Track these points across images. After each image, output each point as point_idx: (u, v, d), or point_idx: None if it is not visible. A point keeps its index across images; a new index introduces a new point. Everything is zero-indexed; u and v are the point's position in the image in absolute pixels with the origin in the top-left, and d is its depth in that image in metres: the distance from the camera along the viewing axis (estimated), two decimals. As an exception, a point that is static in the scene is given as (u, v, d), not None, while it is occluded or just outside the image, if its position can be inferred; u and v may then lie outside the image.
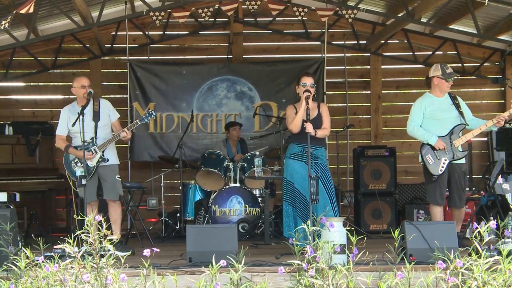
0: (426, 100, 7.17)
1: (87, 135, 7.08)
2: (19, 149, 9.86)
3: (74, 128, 7.12)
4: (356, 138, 10.86)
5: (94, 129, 7.20)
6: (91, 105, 7.23)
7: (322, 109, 7.17)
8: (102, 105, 7.33)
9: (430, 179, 7.06)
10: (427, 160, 7.04)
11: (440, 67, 7.13)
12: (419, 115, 7.13)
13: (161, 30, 10.41)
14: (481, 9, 8.48)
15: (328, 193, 6.98)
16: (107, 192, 7.27)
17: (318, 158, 7.03)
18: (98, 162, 7.19)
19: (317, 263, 5.26)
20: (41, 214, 9.47)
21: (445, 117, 7.08)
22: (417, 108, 7.16)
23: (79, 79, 7.29)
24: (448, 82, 7.10)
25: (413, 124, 7.14)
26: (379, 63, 10.98)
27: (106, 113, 7.33)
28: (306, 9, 8.75)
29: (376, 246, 5.84)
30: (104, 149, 7.19)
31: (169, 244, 8.36)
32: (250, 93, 10.46)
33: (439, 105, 7.11)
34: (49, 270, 5.14)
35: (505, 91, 10.81)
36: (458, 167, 7.10)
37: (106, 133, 7.29)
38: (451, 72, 7.12)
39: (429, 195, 7.13)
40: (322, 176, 6.96)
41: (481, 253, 5.23)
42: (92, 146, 7.16)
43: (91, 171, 7.15)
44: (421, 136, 7.11)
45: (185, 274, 5.53)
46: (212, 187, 9.16)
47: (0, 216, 5.96)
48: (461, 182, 7.11)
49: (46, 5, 8.39)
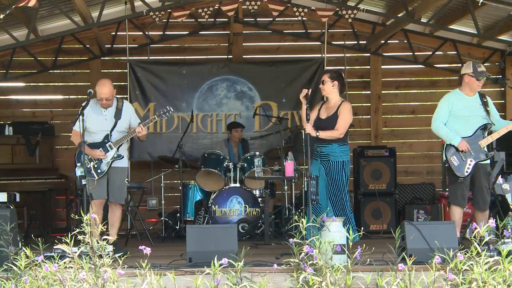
0: (455, 97, 6.98)
1: (103, 134, 7.06)
2: (19, 149, 9.86)
3: (91, 125, 7.09)
4: (356, 138, 10.85)
5: (113, 126, 7.15)
6: (114, 104, 7.17)
7: (341, 108, 7.02)
8: (125, 106, 7.27)
9: (455, 180, 6.89)
10: (452, 162, 6.86)
11: (472, 65, 6.93)
12: (446, 112, 6.94)
13: (161, 30, 10.42)
14: (481, 9, 8.49)
15: (330, 193, 6.94)
16: (114, 194, 7.19)
17: (330, 155, 6.96)
18: (113, 158, 7.14)
19: (315, 262, 5.26)
20: (41, 214, 9.46)
21: (471, 116, 6.91)
22: (444, 104, 6.98)
23: (99, 89, 7.05)
24: (479, 80, 6.90)
25: (438, 121, 6.95)
26: (379, 63, 10.98)
27: (128, 115, 7.26)
28: (306, 9, 8.75)
29: (376, 246, 5.85)
30: (120, 145, 7.13)
31: (169, 244, 8.37)
32: (250, 93, 10.46)
33: (468, 103, 6.93)
34: (48, 270, 5.14)
35: (505, 91, 10.81)
36: (483, 167, 6.93)
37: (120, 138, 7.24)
38: (483, 71, 6.91)
39: (452, 195, 6.96)
40: (330, 176, 6.91)
41: (481, 253, 5.24)
42: (107, 142, 7.12)
43: (104, 168, 7.11)
44: (444, 135, 6.94)
45: (185, 274, 5.54)
46: (212, 187, 9.16)
47: (0, 216, 5.96)
48: (485, 183, 6.94)
49: (46, 5, 8.39)
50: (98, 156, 7.06)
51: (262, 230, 8.71)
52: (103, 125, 7.12)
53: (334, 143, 6.97)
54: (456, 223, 6.55)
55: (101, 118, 7.16)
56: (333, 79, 7.07)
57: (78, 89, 10.73)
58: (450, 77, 10.51)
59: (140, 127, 7.07)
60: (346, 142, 7.08)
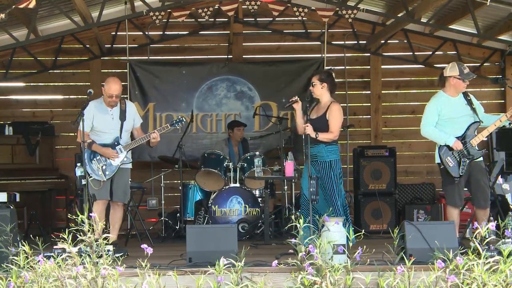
0: (441, 100, 6.93)
1: (112, 134, 7.05)
2: (19, 149, 9.86)
3: (98, 124, 7.07)
4: (356, 138, 10.85)
5: (120, 128, 7.14)
6: (118, 105, 7.18)
7: (331, 110, 7.04)
8: (128, 107, 7.28)
9: (451, 181, 6.85)
10: (447, 163, 6.81)
11: (457, 67, 6.88)
12: (434, 116, 6.90)
13: (161, 30, 10.41)
14: (481, 9, 8.48)
15: (326, 193, 6.96)
16: (118, 194, 7.21)
17: (317, 156, 6.99)
18: (122, 162, 7.14)
19: (315, 262, 5.26)
20: (41, 214, 9.46)
21: (459, 116, 6.88)
22: (432, 108, 6.92)
23: (109, 85, 7.05)
24: (465, 82, 6.88)
25: (428, 125, 6.91)
26: (379, 63, 10.98)
27: (131, 116, 7.28)
28: (306, 9, 8.76)
29: (376, 246, 5.85)
30: (130, 149, 7.15)
31: (169, 244, 8.37)
32: (250, 93, 10.46)
33: (454, 105, 6.90)
34: (42, 264, 5.15)
35: (505, 91, 10.80)
36: (477, 165, 6.89)
37: (128, 137, 7.25)
38: (469, 73, 6.89)
39: (448, 196, 6.92)
40: (321, 176, 6.94)
41: (481, 253, 5.24)
42: (117, 145, 7.11)
43: (113, 170, 7.10)
44: (438, 138, 6.90)
45: (185, 274, 5.54)
46: (212, 187, 9.16)
47: (0, 216, 5.96)
48: (483, 179, 6.90)
49: (46, 5, 8.39)
50: (111, 156, 7.03)
51: (262, 230, 8.71)
52: (111, 124, 7.11)
53: (321, 143, 6.98)
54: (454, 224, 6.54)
55: (107, 117, 7.16)
56: (322, 81, 7.13)
57: (78, 89, 10.73)
58: (450, 77, 10.50)
59: (156, 133, 7.10)
60: (335, 142, 7.09)
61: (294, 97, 7.12)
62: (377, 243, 6.22)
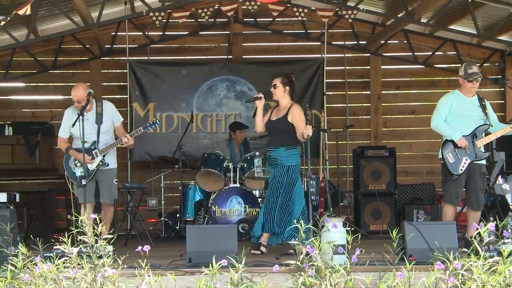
0: (455, 97, 7.06)
1: (89, 138, 7.05)
2: (19, 149, 9.85)
3: (76, 130, 7.08)
4: (356, 138, 10.86)
5: (97, 132, 7.16)
6: (94, 108, 7.20)
7: (293, 112, 7.05)
8: (105, 108, 7.26)
9: (449, 177, 6.96)
10: (447, 159, 6.91)
11: (464, 67, 7.01)
12: (445, 111, 7.01)
13: (161, 30, 10.41)
14: (481, 9, 8.49)
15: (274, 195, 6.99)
16: (103, 195, 7.27)
17: (277, 159, 7.02)
18: (98, 166, 7.17)
19: (315, 263, 5.26)
20: (41, 214, 9.47)
21: (469, 115, 6.97)
22: (445, 103, 7.05)
23: (73, 91, 7.09)
24: (471, 82, 6.94)
25: (438, 118, 7.01)
26: (379, 63, 10.98)
27: (109, 117, 7.26)
28: (306, 10, 8.77)
29: (376, 247, 5.85)
30: (106, 153, 7.17)
31: (169, 245, 8.36)
32: (250, 93, 10.44)
33: (466, 104, 7.00)
34: (40, 269, 5.15)
35: (505, 91, 10.81)
36: (478, 167, 6.98)
37: (108, 138, 7.24)
38: (473, 73, 6.94)
39: (446, 193, 7.05)
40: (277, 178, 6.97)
41: (480, 253, 5.24)
42: (94, 150, 7.13)
43: (90, 173, 7.14)
44: (445, 131, 6.99)
45: (185, 274, 5.53)
46: (212, 188, 9.15)
47: (0, 217, 5.96)
48: (480, 183, 7.00)
49: (46, 5, 8.40)
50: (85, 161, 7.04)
51: (262, 230, 8.70)
52: (87, 129, 7.02)
53: (282, 147, 7.02)
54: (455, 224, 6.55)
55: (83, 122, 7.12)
56: (285, 84, 7.15)
57: (78, 89, 10.72)
58: (450, 77, 10.51)
59: (127, 137, 7.11)
60: (295, 146, 7.09)
61: (259, 94, 7.22)
62: (377, 244, 6.22)
